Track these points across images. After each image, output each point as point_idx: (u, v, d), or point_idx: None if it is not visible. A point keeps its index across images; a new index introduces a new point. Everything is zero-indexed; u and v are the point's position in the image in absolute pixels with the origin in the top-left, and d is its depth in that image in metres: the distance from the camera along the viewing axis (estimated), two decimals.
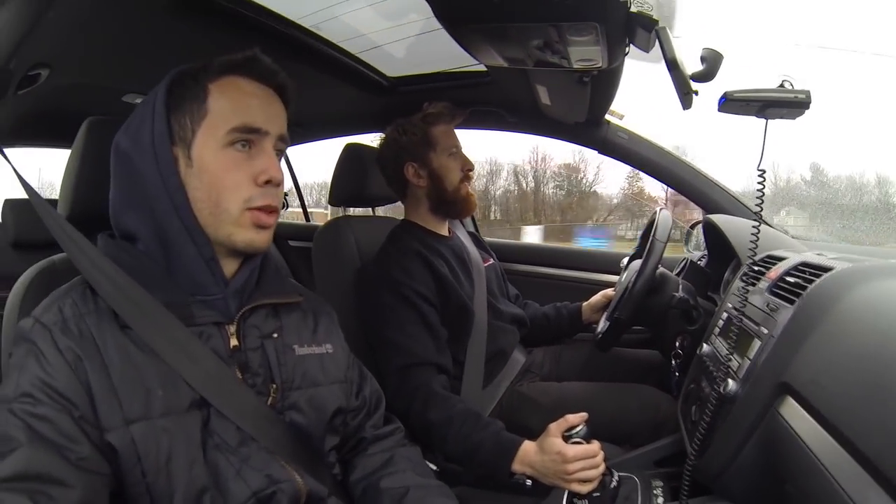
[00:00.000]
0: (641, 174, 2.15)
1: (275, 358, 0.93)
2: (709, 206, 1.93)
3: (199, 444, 0.81)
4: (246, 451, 0.85)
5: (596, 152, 2.08)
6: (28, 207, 2.25)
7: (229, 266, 0.93)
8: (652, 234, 1.53)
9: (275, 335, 0.95)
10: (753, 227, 1.09)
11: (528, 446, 1.27)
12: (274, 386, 0.92)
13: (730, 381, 1.07)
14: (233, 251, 0.91)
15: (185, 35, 1.34)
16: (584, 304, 1.93)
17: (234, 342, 0.90)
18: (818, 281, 0.99)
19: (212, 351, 0.86)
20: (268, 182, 0.89)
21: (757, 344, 1.06)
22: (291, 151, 3.14)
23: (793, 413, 0.89)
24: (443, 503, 1.01)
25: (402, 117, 1.72)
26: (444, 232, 1.79)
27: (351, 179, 1.85)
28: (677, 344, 1.53)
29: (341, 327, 1.13)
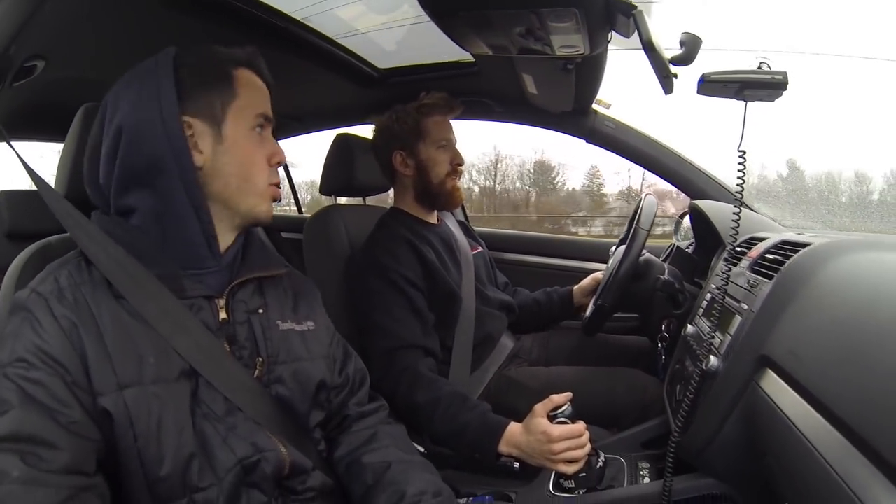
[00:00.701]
0: (602, 173, 2.18)
1: (260, 332, 0.95)
2: (695, 193, 1.94)
3: (188, 412, 0.83)
4: (232, 420, 0.87)
5: (561, 148, 2.10)
6: (23, 199, 2.26)
7: (224, 241, 0.96)
8: (636, 221, 1.55)
9: (260, 311, 0.97)
10: (734, 208, 1.11)
11: (514, 427, 1.28)
12: (260, 359, 0.94)
13: (712, 357, 1.09)
14: (248, 222, 0.99)
15: (179, 28, 1.35)
16: (575, 287, 1.94)
17: (223, 315, 0.92)
18: (796, 256, 1.00)
19: (202, 323, 0.88)
20: (278, 163, 1.00)
21: (738, 320, 1.08)
22: (284, 144, 3.12)
23: (773, 385, 0.91)
24: (426, 478, 1.01)
25: (400, 105, 1.74)
26: (433, 219, 1.80)
27: (341, 169, 1.86)
28: (663, 328, 1.55)
29: (332, 314, 1.15)
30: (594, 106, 1.98)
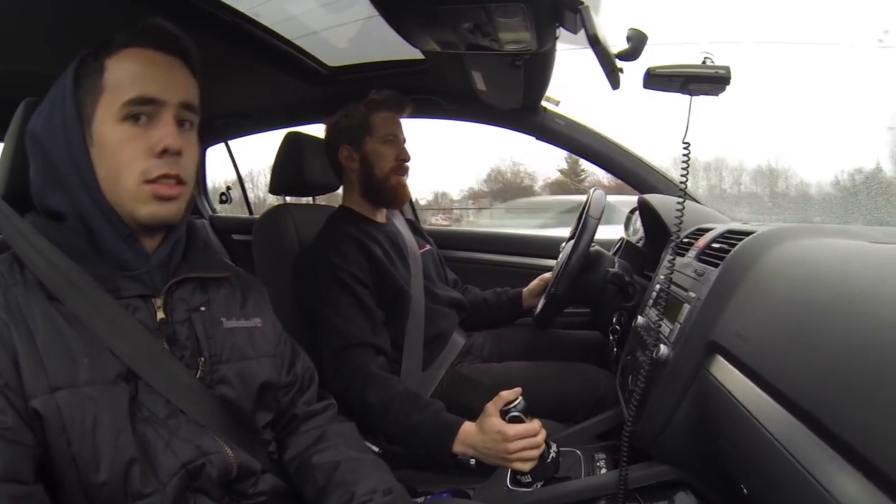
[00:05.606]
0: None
1: (202, 331, 0.92)
2: (644, 188, 1.98)
3: (126, 416, 0.79)
4: (175, 422, 0.84)
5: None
6: None
7: (151, 241, 0.91)
8: (585, 212, 1.56)
9: (202, 308, 0.94)
10: (679, 199, 1.13)
11: (468, 427, 1.28)
12: (202, 359, 0.91)
13: (661, 345, 1.10)
14: (143, 227, 0.89)
15: (124, 19, 1.30)
16: (524, 289, 1.95)
17: (161, 315, 0.89)
18: (741, 243, 1.03)
19: (139, 323, 0.85)
20: (164, 151, 0.85)
21: (686, 308, 1.09)
22: (234, 144, 3.04)
23: (722, 370, 0.92)
24: (376, 476, 0.99)
25: (353, 103, 1.74)
26: (380, 219, 1.79)
27: (291, 168, 1.84)
28: (615, 320, 1.57)
29: (282, 315, 1.12)
30: (543, 103, 2.00)
